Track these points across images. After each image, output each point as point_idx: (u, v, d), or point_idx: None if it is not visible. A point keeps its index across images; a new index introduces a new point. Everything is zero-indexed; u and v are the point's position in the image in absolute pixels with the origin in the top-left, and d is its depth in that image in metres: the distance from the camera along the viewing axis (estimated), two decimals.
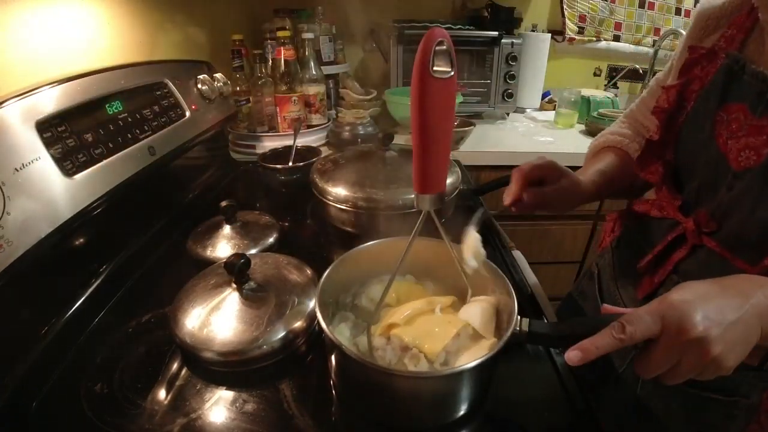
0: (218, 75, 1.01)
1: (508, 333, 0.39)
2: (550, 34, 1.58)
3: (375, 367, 0.40)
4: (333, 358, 0.46)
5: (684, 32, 1.58)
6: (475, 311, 0.46)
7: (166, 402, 0.46)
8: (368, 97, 1.43)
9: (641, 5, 1.69)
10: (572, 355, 0.35)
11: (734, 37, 0.51)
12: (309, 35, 1.20)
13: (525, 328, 0.40)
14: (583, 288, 0.75)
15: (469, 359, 0.40)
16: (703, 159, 0.51)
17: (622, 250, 0.67)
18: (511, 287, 0.45)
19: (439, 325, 0.46)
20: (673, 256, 0.53)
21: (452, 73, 0.36)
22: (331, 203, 0.76)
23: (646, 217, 0.60)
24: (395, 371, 0.41)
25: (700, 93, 0.52)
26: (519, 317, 0.41)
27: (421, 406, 0.43)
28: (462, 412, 0.44)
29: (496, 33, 1.37)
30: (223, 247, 0.68)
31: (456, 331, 0.44)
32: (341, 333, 0.48)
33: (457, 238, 0.49)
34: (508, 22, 1.48)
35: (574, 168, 0.62)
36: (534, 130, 1.47)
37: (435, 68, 0.35)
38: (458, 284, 0.51)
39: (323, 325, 0.41)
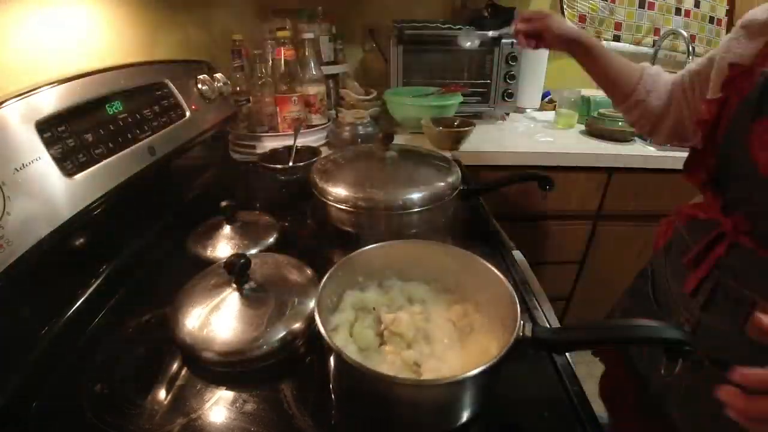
0: (218, 75, 1.01)
1: (512, 339, 0.39)
2: None
3: (375, 375, 0.39)
4: (332, 363, 0.45)
5: (685, 32, 1.59)
6: None
7: (166, 402, 0.46)
8: (368, 97, 1.43)
9: (641, 5, 1.68)
10: None
11: None
12: (309, 35, 1.20)
13: (528, 333, 0.40)
14: (639, 287, 0.79)
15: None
16: (737, 167, 0.56)
17: (674, 250, 0.71)
18: (514, 292, 0.44)
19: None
20: (714, 252, 0.58)
21: None
22: (331, 203, 0.76)
23: (694, 219, 0.65)
24: (396, 379, 0.40)
25: (737, 107, 0.56)
26: (522, 322, 0.41)
27: (421, 414, 0.43)
28: (464, 419, 0.43)
29: (497, 33, 1.37)
30: (223, 247, 0.68)
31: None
32: (340, 336, 0.47)
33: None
34: (509, 22, 1.47)
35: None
36: (534, 130, 1.47)
37: None
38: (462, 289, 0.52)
39: (322, 331, 0.40)
